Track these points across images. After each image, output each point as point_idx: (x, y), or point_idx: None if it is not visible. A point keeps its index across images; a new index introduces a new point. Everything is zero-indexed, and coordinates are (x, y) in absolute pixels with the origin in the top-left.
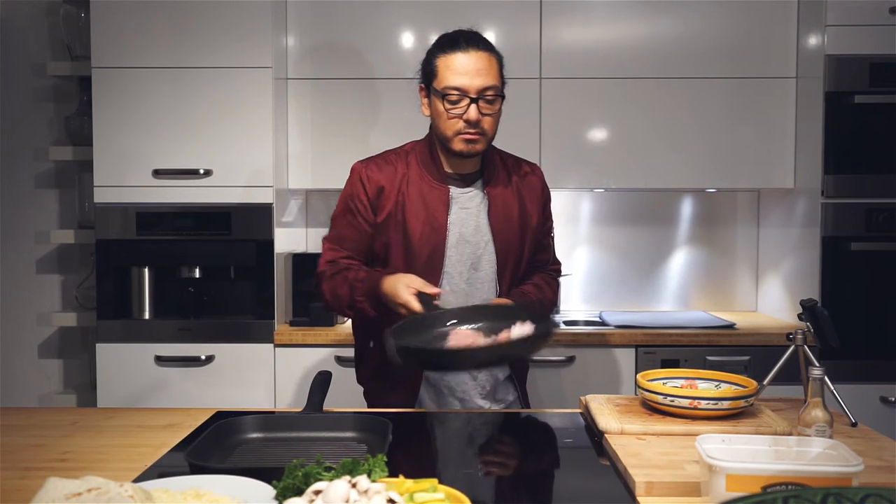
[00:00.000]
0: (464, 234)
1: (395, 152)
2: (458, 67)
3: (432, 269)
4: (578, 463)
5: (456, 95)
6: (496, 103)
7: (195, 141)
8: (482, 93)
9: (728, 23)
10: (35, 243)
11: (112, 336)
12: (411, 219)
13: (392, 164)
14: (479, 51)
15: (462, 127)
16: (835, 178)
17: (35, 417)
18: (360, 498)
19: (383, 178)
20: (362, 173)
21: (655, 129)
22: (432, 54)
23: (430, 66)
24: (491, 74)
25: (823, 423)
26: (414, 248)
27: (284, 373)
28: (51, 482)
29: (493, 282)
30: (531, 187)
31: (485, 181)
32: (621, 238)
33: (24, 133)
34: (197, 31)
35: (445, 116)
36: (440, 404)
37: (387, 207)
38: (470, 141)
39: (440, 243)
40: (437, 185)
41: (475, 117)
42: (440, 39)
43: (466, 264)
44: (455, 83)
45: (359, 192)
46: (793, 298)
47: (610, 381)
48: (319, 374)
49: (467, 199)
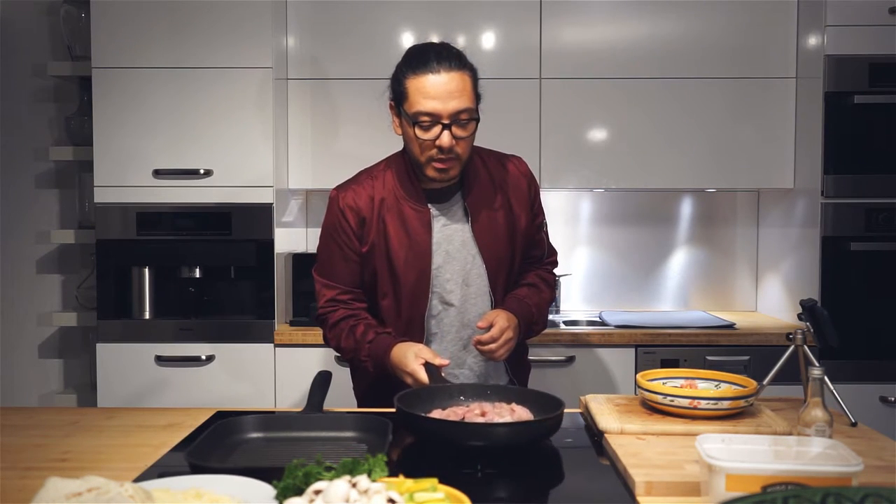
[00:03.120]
0: (450, 252)
1: (370, 174)
2: (430, 91)
3: (419, 292)
4: (578, 463)
5: (428, 121)
6: (470, 126)
7: (195, 141)
8: (455, 117)
9: (728, 23)
10: (35, 243)
11: (112, 336)
12: (394, 245)
13: (368, 189)
14: (450, 71)
15: (435, 153)
16: (834, 179)
17: (35, 417)
18: (360, 498)
19: (363, 205)
20: (341, 203)
21: (655, 129)
22: (402, 73)
23: (400, 87)
24: (464, 96)
25: (823, 423)
26: (399, 274)
27: (284, 373)
28: (51, 482)
29: (487, 295)
30: (516, 187)
31: (464, 193)
32: (621, 238)
33: (24, 133)
34: (197, 32)
35: (416, 143)
36: None
37: (370, 237)
38: (442, 170)
39: (425, 267)
40: (417, 207)
41: (448, 144)
42: (409, 55)
43: (458, 282)
44: (427, 108)
45: (342, 224)
46: (792, 298)
47: (610, 381)
48: (319, 374)
49: (449, 216)
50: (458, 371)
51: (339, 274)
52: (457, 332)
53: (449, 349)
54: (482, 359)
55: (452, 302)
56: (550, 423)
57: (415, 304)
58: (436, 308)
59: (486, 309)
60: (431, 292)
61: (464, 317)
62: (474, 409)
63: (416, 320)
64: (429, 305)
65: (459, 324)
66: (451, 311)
